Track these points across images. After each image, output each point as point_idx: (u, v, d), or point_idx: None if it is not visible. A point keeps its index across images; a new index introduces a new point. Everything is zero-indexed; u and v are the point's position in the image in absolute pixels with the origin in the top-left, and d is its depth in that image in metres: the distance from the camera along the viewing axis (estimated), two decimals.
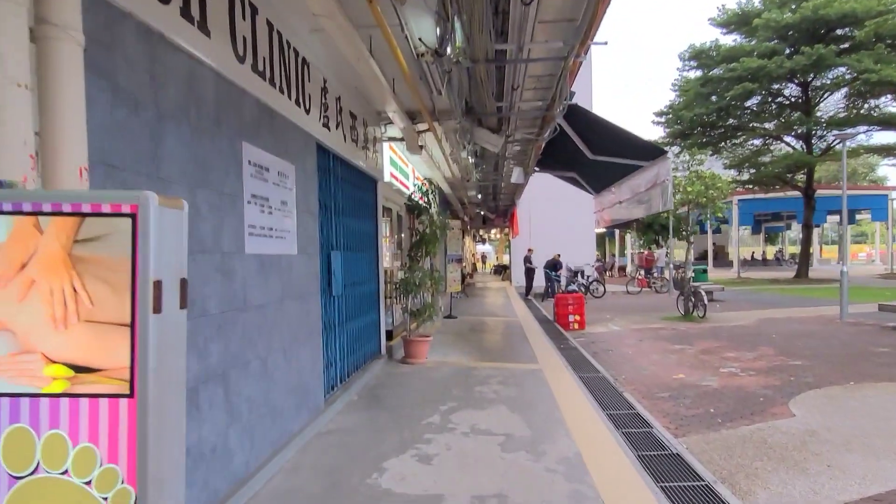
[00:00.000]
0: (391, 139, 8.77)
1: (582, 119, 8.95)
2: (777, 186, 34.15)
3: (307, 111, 5.17)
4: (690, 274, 16.05)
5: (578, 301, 13.95)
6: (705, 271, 23.63)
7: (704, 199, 15.44)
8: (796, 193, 32.95)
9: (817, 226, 48.03)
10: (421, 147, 8.76)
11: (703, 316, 14.67)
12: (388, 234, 11.28)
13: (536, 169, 12.18)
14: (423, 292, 8.68)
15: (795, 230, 61.82)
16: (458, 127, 7.97)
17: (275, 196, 4.42)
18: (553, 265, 22.47)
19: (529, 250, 22.86)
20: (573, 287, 17.36)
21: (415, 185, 8.36)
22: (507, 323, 13.82)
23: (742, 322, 14.31)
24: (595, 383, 7.46)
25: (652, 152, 8.69)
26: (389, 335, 9.17)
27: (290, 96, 4.72)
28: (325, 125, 5.78)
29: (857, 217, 43.90)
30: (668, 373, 8.77)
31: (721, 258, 49.52)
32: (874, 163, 59.01)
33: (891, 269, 36.31)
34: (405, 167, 10.92)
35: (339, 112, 6.32)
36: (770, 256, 56.00)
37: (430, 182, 8.53)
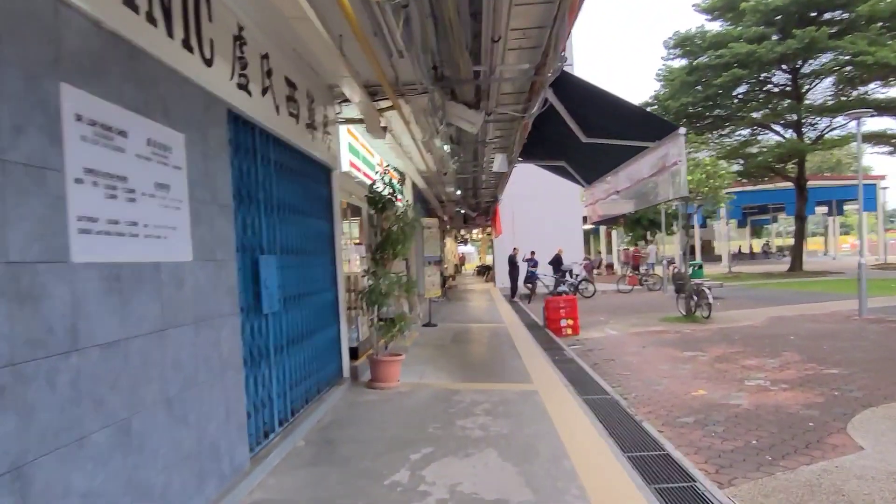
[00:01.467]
0: (349, 121, 7.32)
1: (575, 92, 7.57)
2: (766, 178, 33.20)
3: (207, 61, 3.70)
4: (694, 271, 14.75)
5: (571, 304, 12.59)
6: (701, 267, 22.34)
7: (706, 189, 14.21)
8: (784, 185, 32.05)
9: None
10: (385, 129, 7.32)
11: (708, 316, 13.38)
12: (356, 235, 9.83)
13: (520, 159, 10.80)
14: (393, 302, 7.23)
15: (781, 223, 61.33)
16: (428, 105, 6.54)
17: (142, 175, 2.96)
18: (557, 262, 21.15)
19: (515, 249, 21.46)
20: (563, 288, 16.01)
21: (377, 174, 6.93)
22: (494, 330, 12.41)
23: (751, 322, 13.03)
24: (604, 408, 6.07)
25: (659, 129, 7.32)
26: (355, 353, 7.71)
27: (170, 33, 3.26)
28: (244, 87, 4.32)
29: (846, 207, 43.11)
30: (686, 388, 7.41)
31: (707, 253, 48.64)
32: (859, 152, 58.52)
33: (884, 259, 35.50)
34: (370, 157, 9.46)
35: (268, 75, 4.86)
36: (757, 250, 55.30)
37: (397, 170, 7.02)
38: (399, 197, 7.13)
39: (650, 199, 9.26)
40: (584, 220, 27.87)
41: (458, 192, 16.67)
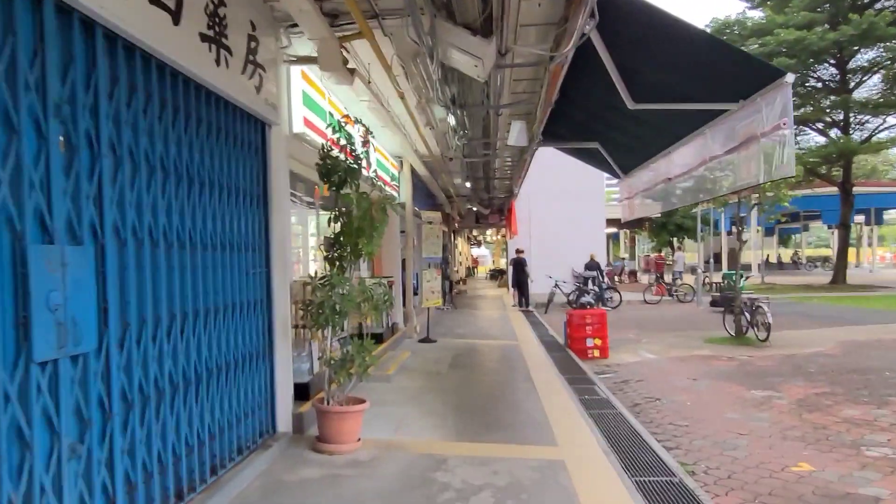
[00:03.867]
0: (302, 60, 5.10)
1: (628, 26, 5.30)
2: (804, 182, 30.56)
3: None
4: (741, 282, 12.33)
5: (599, 320, 10.29)
6: (741, 277, 19.94)
7: (768, 185, 11.87)
8: (820, 191, 29.46)
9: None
10: (352, 72, 5.10)
11: (766, 339, 10.98)
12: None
13: (541, 138, 8.50)
14: (359, 319, 5.01)
15: (812, 232, 58.34)
16: (413, 30, 4.30)
17: None
18: (592, 267, 18.79)
19: (518, 252, 19.00)
20: (587, 299, 13.71)
21: (330, 127, 4.63)
22: (504, 351, 10.14)
23: (820, 347, 10.64)
24: (668, 496, 3.81)
25: (750, 80, 5.03)
26: (305, 392, 5.49)
27: None
28: None
29: (885, 216, 40.28)
30: (779, 457, 5.11)
31: (733, 262, 45.91)
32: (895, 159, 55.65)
33: None
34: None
35: None
36: (786, 260, 52.39)
37: (362, 123, 4.75)
38: (367, 166, 4.86)
39: (719, 186, 7.00)
40: (608, 223, 25.50)
41: (468, 185, 14.42)
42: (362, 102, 6.67)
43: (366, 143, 4.65)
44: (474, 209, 21.40)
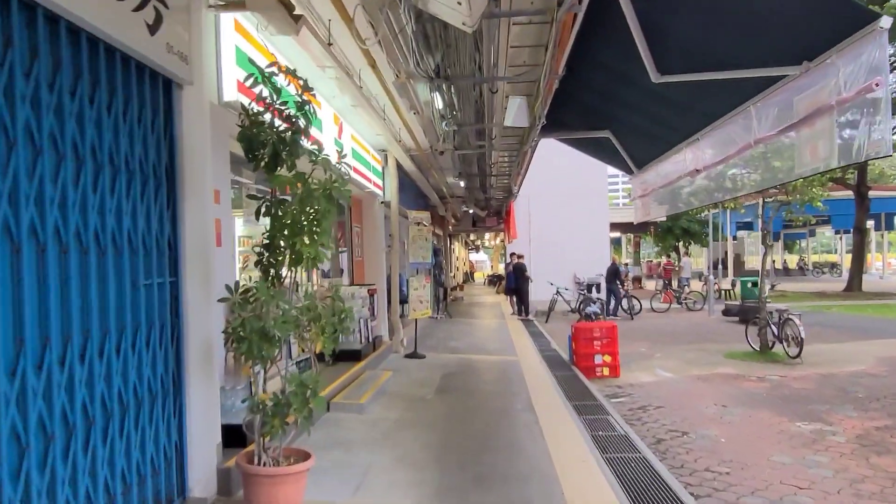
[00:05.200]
0: (231, 4, 3.88)
1: None
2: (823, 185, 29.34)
3: None
4: (766, 292, 11.06)
5: (609, 334, 9.07)
6: (755, 284, 18.71)
7: (799, 183, 10.48)
8: (828, 195, 28.16)
9: (847, 231, 43.56)
10: (296, 19, 3.87)
11: (798, 356, 9.73)
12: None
13: (545, 121, 7.23)
14: (300, 346, 3.77)
15: (815, 238, 57.02)
16: None
17: None
18: (614, 274, 17.54)
19: (515, 256, 17.69)
20: (592, 308, 12.49)
21: (253, 78, 3.42)
22: (502, 369, 8.91)
23: (860, 365, 9.40)
24: None
25: (827, 29, 3.82)
26: (241, 438, 4.22)
27: None
28: None
29: None
30: None
31: (738, 268, 44.70)
32: None
33: None
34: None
35: None
36: (792, 266, 51.12)
37: (297, 76, 3.47)
38: (312, 134, 3.60)
39: (767, 176, 5.88)
40: (611, 226, 24.27)
41: (463, 184, 13.20)
42: (327, 74, 5.45)
43: (303, 104, 3.36)
44: (470, 211, 20.18)
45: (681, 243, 31.29)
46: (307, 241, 3.20)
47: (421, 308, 9.87)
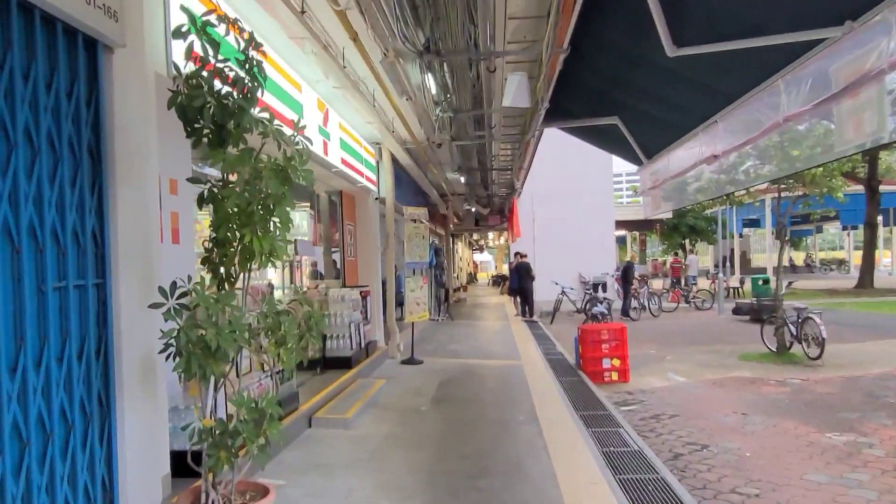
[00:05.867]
0: None
1: None
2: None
3: None
4: (783, 289, 10.43)
5: (618, 336, 8.51)
6: (766, 282, 18.12)
7: (819, 172, 9.75)
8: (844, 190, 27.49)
9: (856, 227, 42.88)
10: None
11: (819, 357, 9.13)
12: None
13: (548, 105, 6.64)
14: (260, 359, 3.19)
15: (824, 233, 56.20)
16: None
17: None
18: (628, 273, 17.02)
19: (521, 256, 17.10)
20: (599, 309, 11.90)
21: (190, 27, 2.83)
22: (503, 375, 8.34)
23: (887, 367, 8.80)
24: None
25: None
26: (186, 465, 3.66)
27: None
28: None
29: None
30: None
31: (745, 265, 43.98)
32: None
33: None
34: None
35: None
36: (799, 263, 50.38)
37: (235, 23, 2.85)
38: (261, 98, 2.99)
39: (788, 165, 5.38)
40: (616, 224, 23.67)
41: (463, 180, 12.63)
42: (306, 51, 4.90)
43: (249, 61, 2.73)
44: (472, 210, 19.60)
45: (687, 241, 30.64)
46: (259, 234, 2.63)
47: (418, 311, 9.31)
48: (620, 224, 29.69)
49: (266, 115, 2.69)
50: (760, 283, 18.06)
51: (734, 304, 17.27)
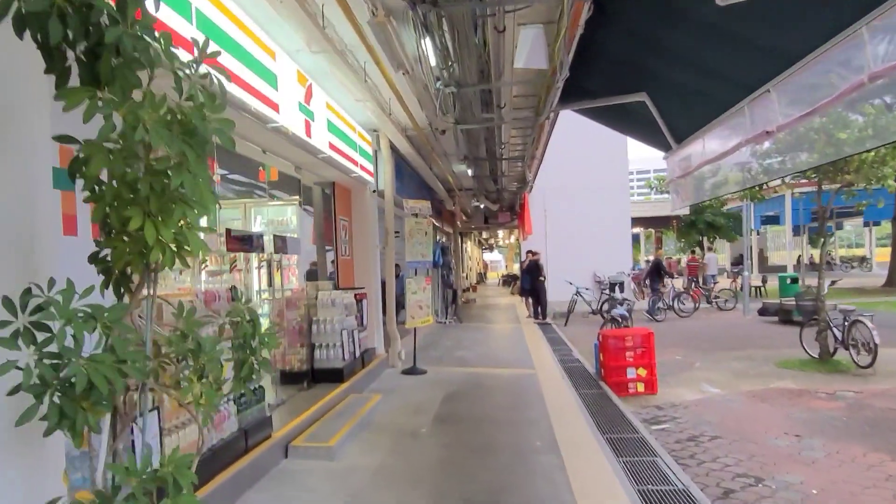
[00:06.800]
0: None
1: None
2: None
3: None
4: (825, 289, 9.42)
5: (644, 343, 7.60)
6: (795, 281, 17.10)
7: (869, 157, 8.81)
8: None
9: (878, 223, 41.65)
10: None
11: (869, 366, 8.16)
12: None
13: (567, 75, 5.69)
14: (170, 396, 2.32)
15: (843, 230, 54.64)
16: None
17: None
18: (657, 270, 16.15)
19: (533, 254, 16.18)
20: (619, 311, 10.96)
21: None
22: (516, 387, 7.45)
23: None
24: None
25: None
26: None
27: None
28: None
29: None
30: None
31: (762, 263, 42.73)
32: None
33: None
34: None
35: None
36: (818, 260, 48.95)
37: None
38: (167, 24, 2.07)
39: (833, 150, 4.57)
40: (638, 221, 22.63)
41: (471, 172, 11.73)
42: (281, 15, 4.03)
43: None
44: (481, 206, 18.68)
45: (705, 238, 29.54)
46: (156, 217, 1.75)
47: (421, 315, 8.42)
48: (634, 221, 28.67)
49: (161, 39, 1.77)
50: (788, 281, 17.02)
51: (760, 304, 16.23)
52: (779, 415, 6.39)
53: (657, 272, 16.62)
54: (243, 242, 4.94)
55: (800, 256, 49.32)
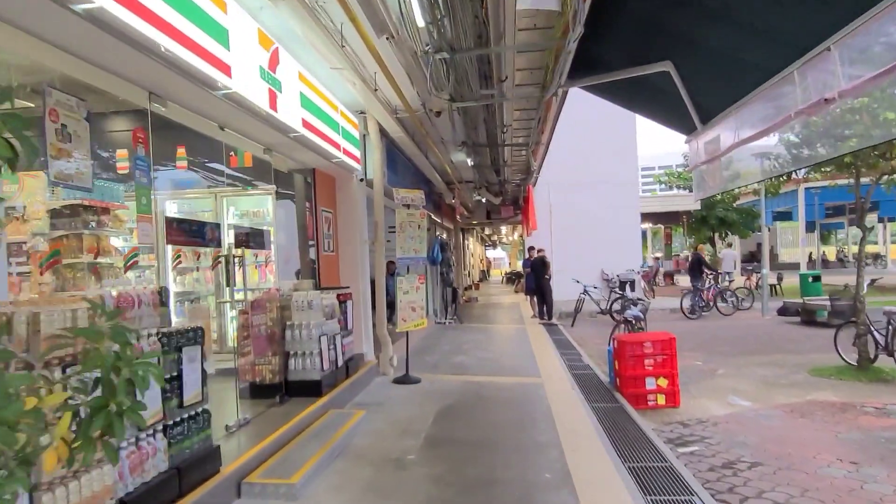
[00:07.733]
0: None
1: None
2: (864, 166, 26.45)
3: None
4: (864, 288, 8.50)
5: (665, 349, 6.72)
6: (817, 279, 16.19)
7: None
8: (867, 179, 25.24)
9: (893, 219, 40.65)
10: None
11: None
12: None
13: (582, 30, 4.77)
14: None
15: (851, 227, 53.45)
16: None
17: None
18: (698, 265, 15.45)
19: (535, 250, 15.26)
20: (633, 312, 10.07)
21: None
22: (520, 400, 6.58)
23: None
24: None
25: None
26: None
27: None
28: None
29: None
30: None
31: (773, 260, 41.69)
32: None
33: None
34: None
35: None
36: (831, 258, 47.86)
37: None
38: None
39: (881, 132, 3.76)
40: (646, 217, 21.68)
41: (470, 162, 10.84)
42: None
43: None
44: (483, 200, 17.79)
45: (716, 234, 28.55)
46: None
47: (413, 317, 7.54)
48: (641, 217, 27.66)
49: None
50: (810, 280, 16.10)
51: (780, 303, 15.31)
52: (825, 435, 5.51)
53: (698, 266, 15.90)
54: (190, 234, 4.07)
55: (811, 253, 48.21)
